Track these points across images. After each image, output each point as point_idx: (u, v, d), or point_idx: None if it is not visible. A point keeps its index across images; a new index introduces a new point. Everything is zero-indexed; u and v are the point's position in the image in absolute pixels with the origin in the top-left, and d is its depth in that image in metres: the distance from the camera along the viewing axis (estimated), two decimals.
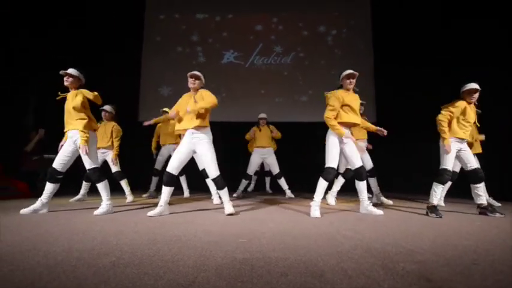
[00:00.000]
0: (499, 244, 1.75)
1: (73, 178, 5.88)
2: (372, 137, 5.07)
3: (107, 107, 4.11)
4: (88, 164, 2.92)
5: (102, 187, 2.98)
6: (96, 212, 2.86)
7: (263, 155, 4.87)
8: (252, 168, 4.89)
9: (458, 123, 3.01)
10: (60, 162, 2.93)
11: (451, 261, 1.40)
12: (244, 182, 4.94)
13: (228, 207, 2.95)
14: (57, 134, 3.19)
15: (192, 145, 2.99)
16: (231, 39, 7.10)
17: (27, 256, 1.43)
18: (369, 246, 1.68)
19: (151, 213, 2.80)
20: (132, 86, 6.85)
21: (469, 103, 3.00)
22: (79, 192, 4.10)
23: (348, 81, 3.01)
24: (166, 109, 4.62)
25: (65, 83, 2.93)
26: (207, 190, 4.16)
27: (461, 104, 2.97)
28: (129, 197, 4.10)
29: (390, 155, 5.99)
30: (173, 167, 2.95)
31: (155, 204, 3.67)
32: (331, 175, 2.97)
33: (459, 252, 1.56)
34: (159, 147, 4.71)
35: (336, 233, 2.06)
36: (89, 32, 6.67)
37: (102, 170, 3.13)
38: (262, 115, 4.98)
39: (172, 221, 2.55)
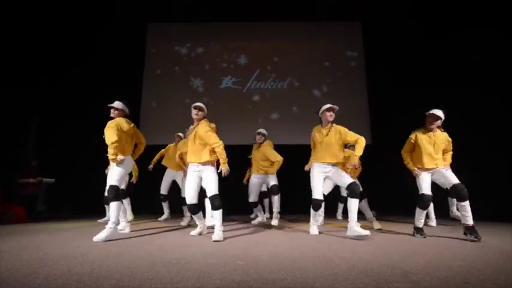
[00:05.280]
0: (491, 264, 1.78)
1: (69, 202, 5.99)
2: (368, 159, 5.17)
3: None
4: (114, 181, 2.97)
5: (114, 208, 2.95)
6: (96, 237, 2.75)
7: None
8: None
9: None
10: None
11: (444, 281, 1.44)
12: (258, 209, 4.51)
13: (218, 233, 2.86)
14: (60, 157, 3.27)
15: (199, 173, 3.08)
16: (229, 66, 7.39)
17: (28, 280, 1.45)
18: (365, 267, 1.71)
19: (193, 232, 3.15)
20: (133, 110, 7.00)
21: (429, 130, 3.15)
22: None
23: (328, 113, 3.19)
24: (180, 134, 4.68)
25: (112, 115, 3.15)
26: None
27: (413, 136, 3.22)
28: (129, 216, 4.26)
29: (387, 177, 6.05)
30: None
31: (151, 228, 3.67)
32: (319, 206, 3.27)
33: (453, 272, 1.60)
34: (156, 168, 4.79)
35: (333, 255, 2.08)
36: (90, 52, 6.96)
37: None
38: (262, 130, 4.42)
39: (171, 243, 2.56)
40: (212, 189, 2.95)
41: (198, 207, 3.12)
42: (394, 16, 6.90)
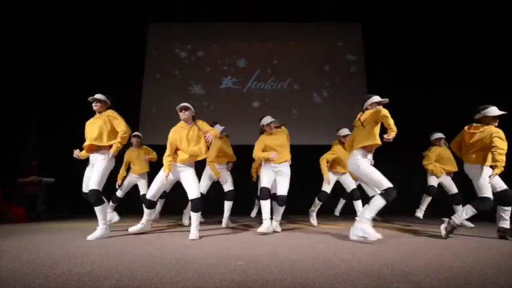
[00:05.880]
0: (492, 265, 1.78)
1: (69, 202, 5.98)
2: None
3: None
4: (95, 183, 2.92)
5: (99, 210, 2.96)
6: (90, 236, 2.82)
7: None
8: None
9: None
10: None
11: (444, 282, 1.43)
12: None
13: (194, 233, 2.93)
14: (60, 157, 3.29)
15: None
16: (229, 68, 7.40)
17: (28, 279, 1.45)
18: (364, 268, 1.70)
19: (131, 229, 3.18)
20: (133, 110, 7.01)
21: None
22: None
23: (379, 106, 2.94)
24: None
25: (94, 108, 3.15)
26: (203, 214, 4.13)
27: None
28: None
29: (387, 177, 6.04)
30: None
31: (151, 228, 3.67)
32: (394, 195, 2.75)
33: (453, 273, 1.59)
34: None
35: (333, 255, 2.08)
36: (90, 52, 6.98)
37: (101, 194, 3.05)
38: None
39: (171, 244, 2.56)
40: (196, 191, 3.05)
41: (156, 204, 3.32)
42: (394, 16, 6.91)
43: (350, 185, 4.09)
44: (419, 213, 4.32)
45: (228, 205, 4.01)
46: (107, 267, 1.70)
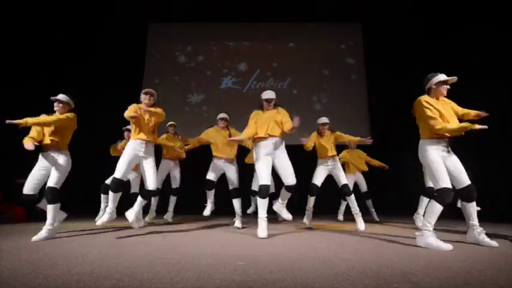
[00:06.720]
0: (492, 265, 1.78)
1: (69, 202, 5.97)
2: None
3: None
4: (54, 181, 2.94)
5: (52, 209, 2.94)
6: (35, 237, 2.75)
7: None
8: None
9: None
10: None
11: (444, 282, 1.43)
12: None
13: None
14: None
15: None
16: (229, 71, 7.41)
17: (27, 279, 1.45)
18: (364, 268, 1.70)
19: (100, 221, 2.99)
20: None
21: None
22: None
23: (445, 86, 2.75)
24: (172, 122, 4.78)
25: (55, 108, 3.21)
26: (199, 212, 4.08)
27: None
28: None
29: (387, 177, 6.04)
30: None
31: (151, 228, 3.66)
32: (449, 197, 2.40)
33: (453, 273, 1.59)
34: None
35: (332, 255, 2.08)
36: (90, 52, 7.00)
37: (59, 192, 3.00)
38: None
39: (171, 244, 2.56)
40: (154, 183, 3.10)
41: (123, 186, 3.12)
42: (394, 16, 6.91)
43: (341, 180, 3.83)
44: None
45: (235, 203, 3.88)
46: (107, 267, 1.69)
